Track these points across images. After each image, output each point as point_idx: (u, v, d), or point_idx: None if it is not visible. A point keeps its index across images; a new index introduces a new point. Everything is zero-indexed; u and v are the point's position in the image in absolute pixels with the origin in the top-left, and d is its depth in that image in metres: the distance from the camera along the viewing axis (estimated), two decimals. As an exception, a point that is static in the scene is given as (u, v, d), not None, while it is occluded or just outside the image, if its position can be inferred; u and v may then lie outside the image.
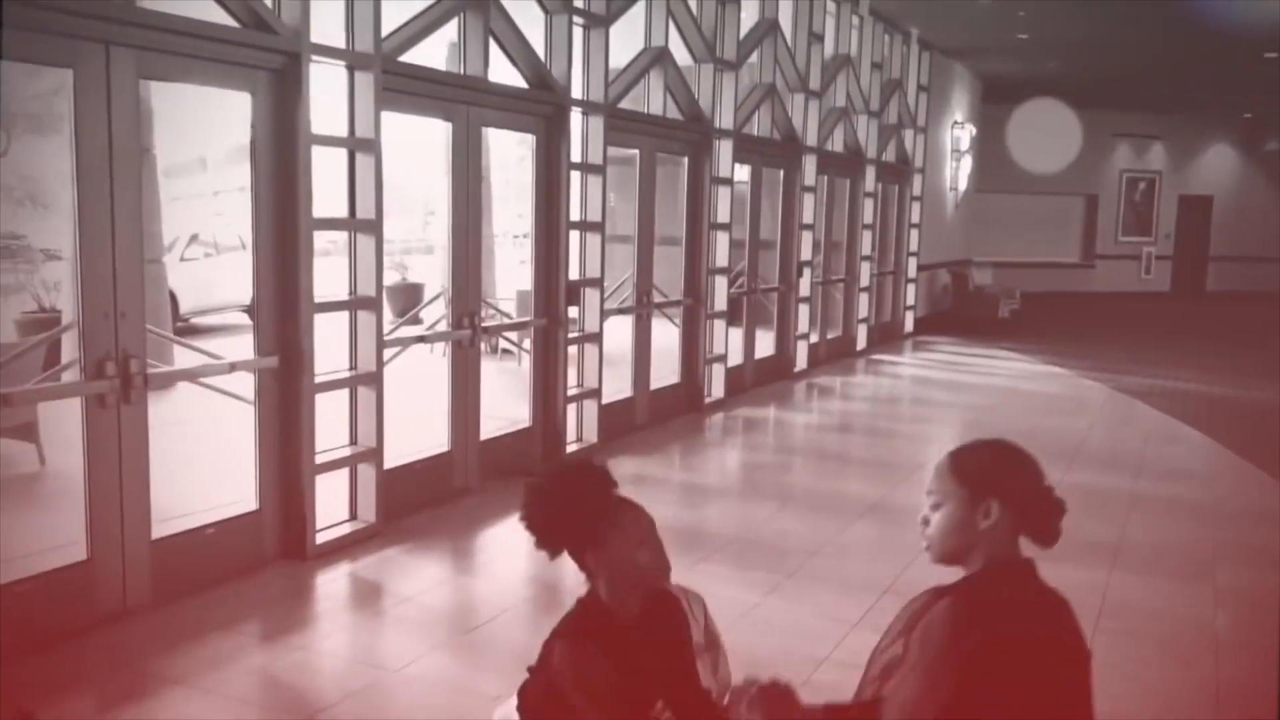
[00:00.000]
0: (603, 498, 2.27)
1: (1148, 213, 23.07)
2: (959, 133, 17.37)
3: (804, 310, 11.74)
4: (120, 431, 4.41)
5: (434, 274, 13.77)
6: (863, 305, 13.72)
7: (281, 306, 5.16)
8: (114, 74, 4.28)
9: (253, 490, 5.21)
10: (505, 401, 7.77)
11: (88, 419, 4.35)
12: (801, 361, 11.78)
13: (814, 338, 12.24)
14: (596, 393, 7.79)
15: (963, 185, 17.78)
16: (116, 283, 4.36)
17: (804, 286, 11.63)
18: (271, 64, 4.98)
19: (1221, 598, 5.23)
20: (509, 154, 16.77)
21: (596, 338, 7.76)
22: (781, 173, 11.21)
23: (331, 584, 5.16)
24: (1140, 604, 5.11)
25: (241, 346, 5.33)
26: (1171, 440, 9.23)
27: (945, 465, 2.02)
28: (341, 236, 5.68)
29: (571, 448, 7.54)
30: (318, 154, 5.25)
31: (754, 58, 10.25)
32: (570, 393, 7.50)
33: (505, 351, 11.82)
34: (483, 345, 11.36)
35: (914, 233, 15.44)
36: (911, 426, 10.11)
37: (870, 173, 13.35)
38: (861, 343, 13.74)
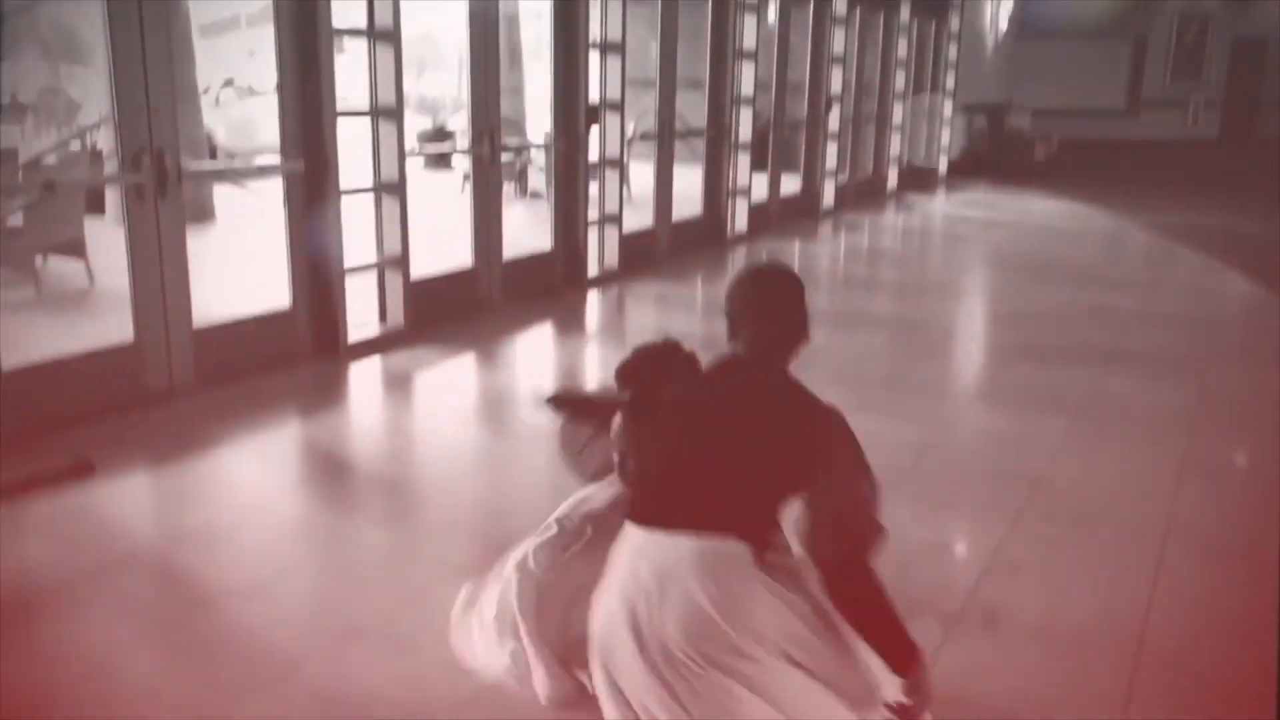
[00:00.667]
0: (651, 386, 2.27)
1: (1199, 57, 22.30)
2: (1002, -31, 16.85)
3: (832, 148, 11.74)
4: (159, 223, 4.71)
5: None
6: (895, 146, 13.64)
7: (305, 112, 5.37)
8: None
9: (286, 290, 5.54)
10: (532, 237, 7.95)
11: (128, 211, 4.67)
12: (829, 200, 11.85)
13: (843, 177, 12.26)
14: (617, 219, 7.98)
15: (1003, 25, 17.33)
16: (148, 77, 4.59)
17: (833, 122, 11.60)
18: None
19: (1204, 391, 5.44)
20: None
21: (616, 163, 7.91)
22: (811, 6, 11.05)
23: (363, 374, 5.54)
24: (1124, 396, 5.34)
25: (277, 185, 5.57)
26: (1188, 268, 9.30)
27: None
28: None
29: (593, 272, 7.78)
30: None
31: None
32: (591, 219, 7.72)
33: (535, 195, 11.99)
34: (513, 187, 11.64)
35: (950, 73, 15.18)
36: (933, 256, 10.27)
37: (905, 7, 13.09)
38: (892, 183, 13.72)
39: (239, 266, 7.22)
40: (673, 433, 2.10)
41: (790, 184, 11.34)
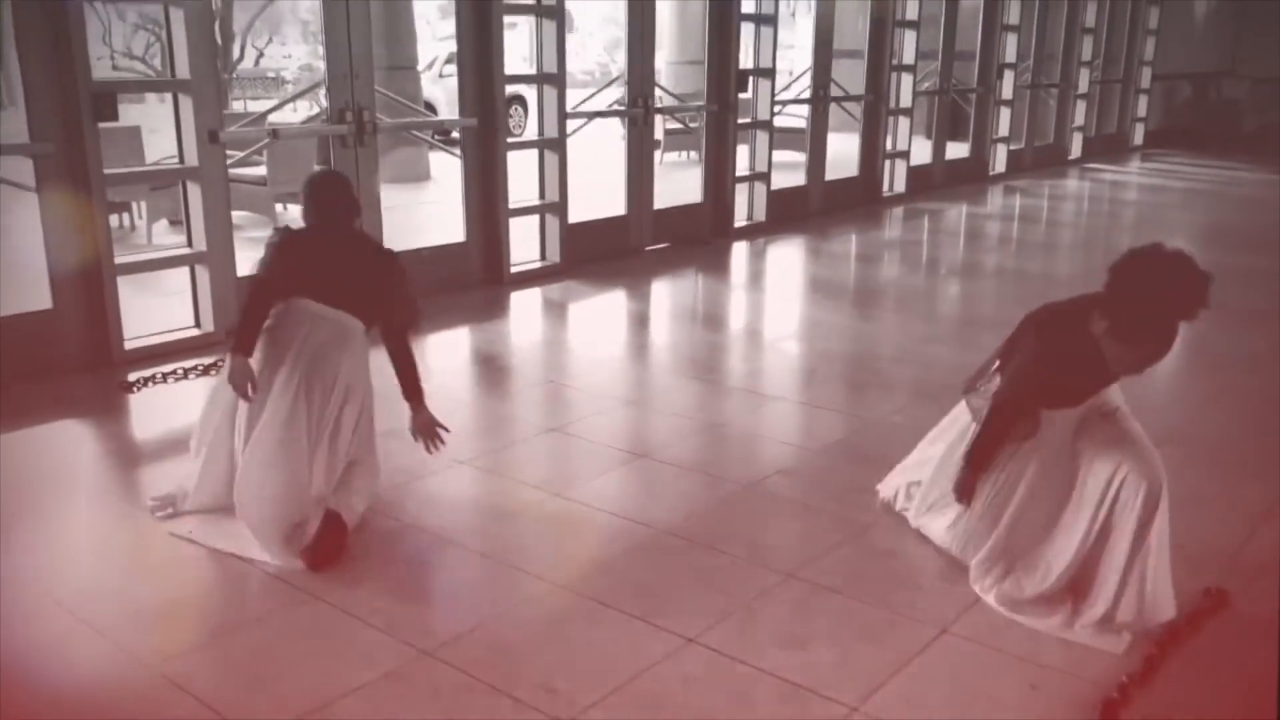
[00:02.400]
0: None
1: None
2: (1217, -71, 16.16)
3: (1005, 114, 11.94)
4: (357, 166, 5.89)
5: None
6: (1080, 113, 13.58)
7: (479, 76, 6.44)
8: (345, -115, 5.57)
9: (460, 227, 6.66)
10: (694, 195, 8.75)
11: (332, 156, 5.88)
12: (1000, 165, 12.06)
13: (1016, 144, 12.40)
14: (766, 176, 8.70)
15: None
16: (351, 51, 5.75)
17: (1005, 89, 11.80)
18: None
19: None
20: None
21: (767, 125, 8.63)
22: (985, -27, 11.31)
23: (523, 299, 6.59)
24: (1202, 340, 5.66)
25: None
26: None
27: None
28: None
29: (740, 224, 8.55)
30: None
31: None
32: (740, 174, 8.49)
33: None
34: (685, 155, 12.47)
35: (1149, 40, 14.83)
36: (1091, 219, 10.40)
37: (1094, -27, 13.01)
38: (1075, 151, 13.67)
39: (438, 211, 8.47)
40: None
41: (959, 150, 11.67)
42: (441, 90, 15.05)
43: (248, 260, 5.71)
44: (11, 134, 5.86)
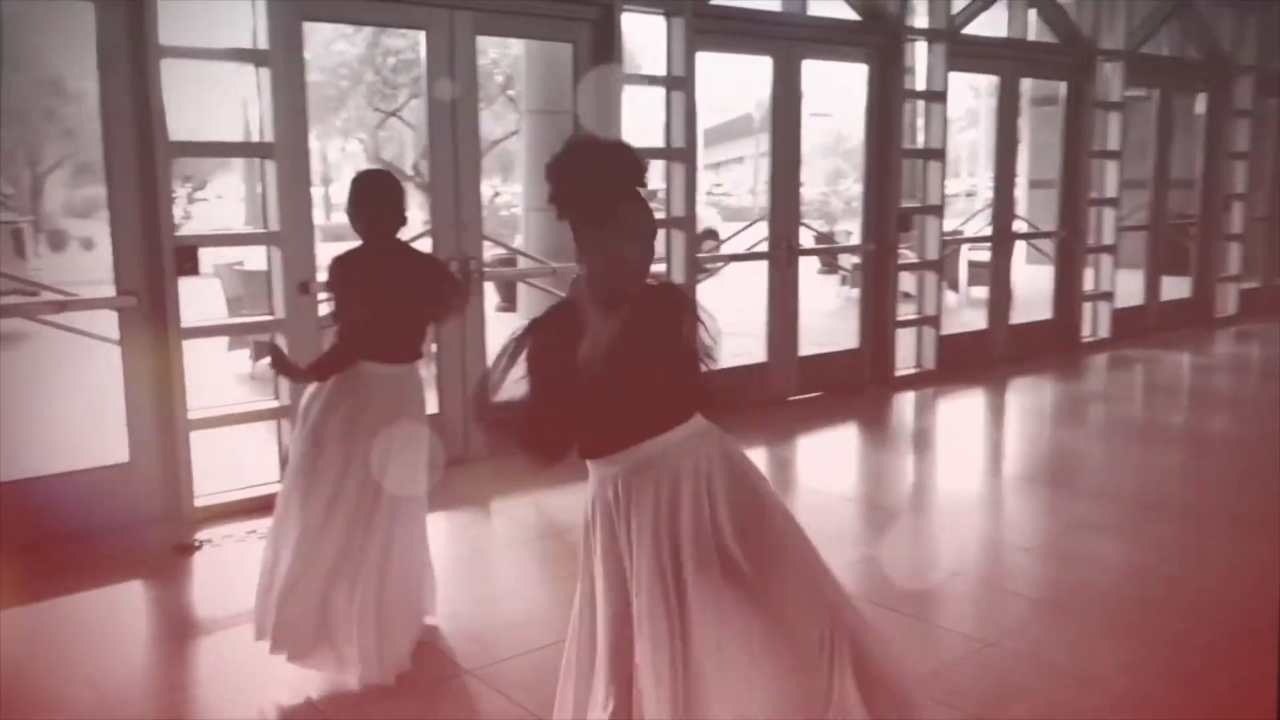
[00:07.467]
0: (625, 183, 2.06)
1: None
2: None
3: (1234, 250, 10.59)
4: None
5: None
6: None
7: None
8: (457, 32, 5.47)
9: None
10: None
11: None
12: (1229, 306, 10.64)
13: (1252, 282, 10.94)
14: (935, 320, 7.89)
15: None
16: (459, 202, 5.60)
17: (1233, 222, 10.49)
18: (589, 15, 5.92)
19: None
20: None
21: (935, 265, 7.87)
22: (1202, 97, 10.21)
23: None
24: None
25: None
26: None
27: None
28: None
29: (904, 373, 7.74)
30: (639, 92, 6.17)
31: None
32: (905, 319, 7.76)
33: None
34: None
35: None
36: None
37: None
38: (1329, 290, 11.93)
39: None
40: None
41: (1178, 288, 10.39)
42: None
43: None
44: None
